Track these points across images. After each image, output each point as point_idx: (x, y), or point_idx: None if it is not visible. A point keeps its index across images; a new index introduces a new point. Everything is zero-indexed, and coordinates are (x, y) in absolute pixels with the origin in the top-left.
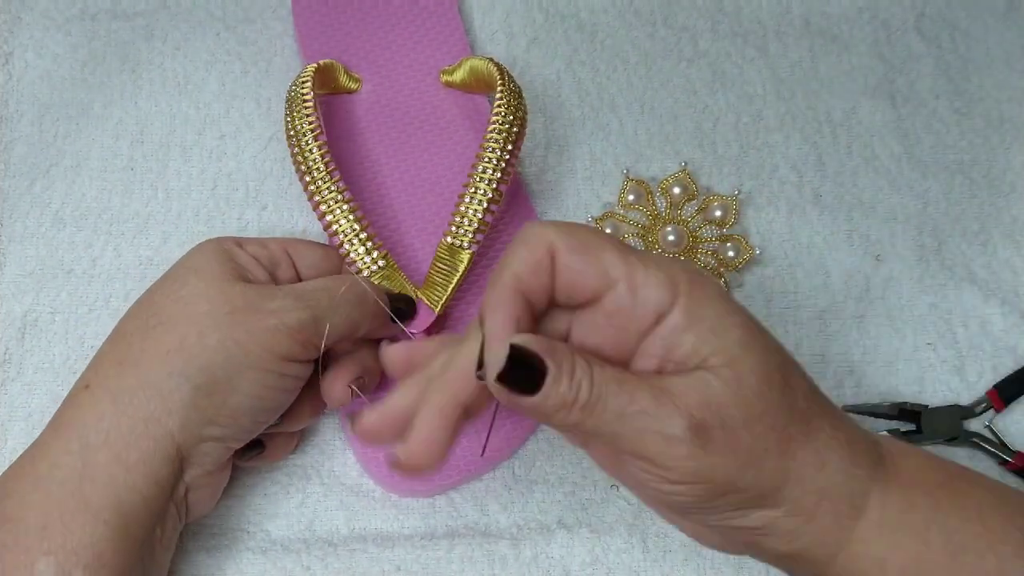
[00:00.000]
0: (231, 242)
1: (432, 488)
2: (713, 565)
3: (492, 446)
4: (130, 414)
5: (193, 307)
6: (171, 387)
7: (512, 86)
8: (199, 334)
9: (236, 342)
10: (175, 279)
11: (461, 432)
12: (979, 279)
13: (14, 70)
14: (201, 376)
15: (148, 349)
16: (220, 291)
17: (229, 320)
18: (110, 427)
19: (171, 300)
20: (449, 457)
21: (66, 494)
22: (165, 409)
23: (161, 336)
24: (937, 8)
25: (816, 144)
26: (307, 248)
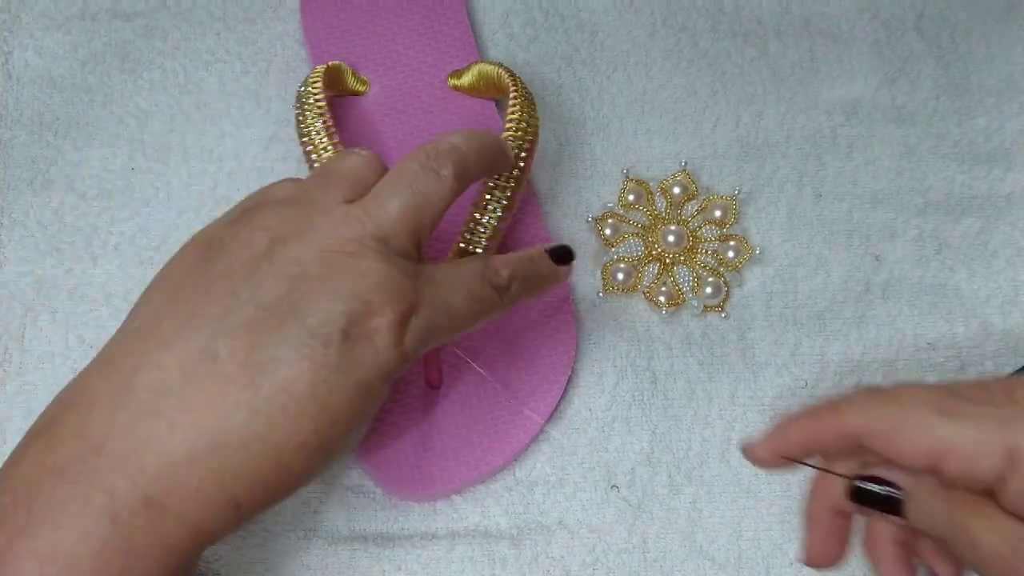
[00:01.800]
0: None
1: (432, 492)
2: (713, 565)
3: (492, 452)
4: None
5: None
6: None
7: (525, 92)
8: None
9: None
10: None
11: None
12: (979, 279)
13: (13, 70)
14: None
15: None
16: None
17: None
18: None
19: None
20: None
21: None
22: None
23: None
24: (937, 8)
25: (816, 144)
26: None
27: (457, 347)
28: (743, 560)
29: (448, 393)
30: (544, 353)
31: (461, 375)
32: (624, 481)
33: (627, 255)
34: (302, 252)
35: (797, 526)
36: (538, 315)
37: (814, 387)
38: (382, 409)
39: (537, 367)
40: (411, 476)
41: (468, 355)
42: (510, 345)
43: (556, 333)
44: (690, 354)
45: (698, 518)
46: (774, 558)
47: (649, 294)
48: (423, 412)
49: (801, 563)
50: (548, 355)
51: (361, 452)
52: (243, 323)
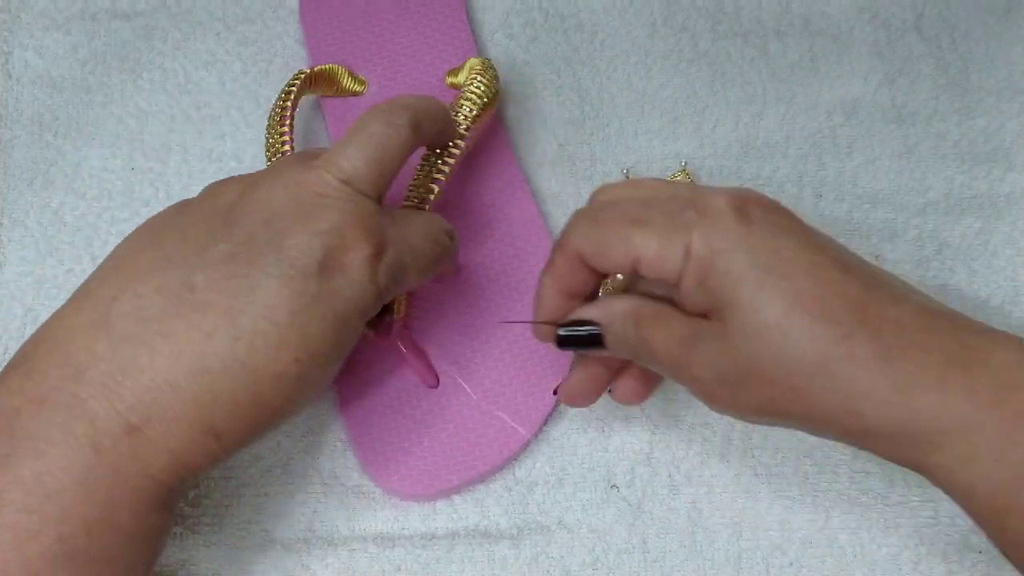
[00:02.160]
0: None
1: (431, 492)
2: (713, 565)
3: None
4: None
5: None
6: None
7: (486, 68)
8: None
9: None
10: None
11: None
12: (979, 279)
13: (13, 70)
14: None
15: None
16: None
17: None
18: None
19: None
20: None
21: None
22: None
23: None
24: (937, 8)
25: (816, 144)
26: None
27: (449, 363)
28: (743, 560)
29: (447, 393)
30: (544, 353)
31: (461, 375)
32: (624, 481)
33: None
34: (273, 194)
35: (796, 526)
36: (531, 356)
37: None
38: (381, 408)
39: (536, 368)
40: (411, 476)
41: (462, 363)
42: (504, 351)
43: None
44: None
45: (698, 518)
46: (774, 558)
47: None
48: (423, 412)
49: (561, 401)
50: (547, 355)
51: (361, 452)
52: (220, 257)
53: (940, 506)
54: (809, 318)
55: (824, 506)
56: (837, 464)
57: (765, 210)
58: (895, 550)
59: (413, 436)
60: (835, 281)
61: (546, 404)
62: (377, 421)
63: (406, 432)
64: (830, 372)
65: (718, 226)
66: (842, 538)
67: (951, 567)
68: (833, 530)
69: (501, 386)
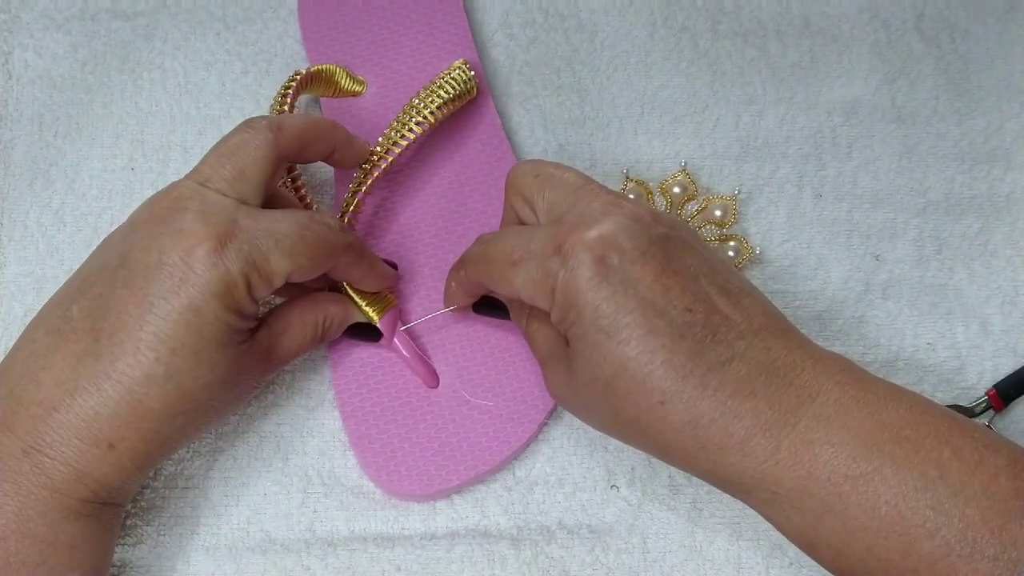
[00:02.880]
0: (242, 292)
1: (431, 492)
2: (714, 565)
3: (492, 451)
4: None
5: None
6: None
7: (467, 74)
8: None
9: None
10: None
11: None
12: (979, 279)
13: (13, 70)
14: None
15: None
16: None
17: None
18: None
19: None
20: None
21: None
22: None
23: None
24: (937, 8)
25: (816, 144)
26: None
27: (448, 364)
28: (743, 560)
29: (447, 393)
30: (523, 397)
31: (459, 375)
32: (624, 481)
33: None
34: (137, 216)
35: None
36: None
37: None
38: (381, 409)
39: (537, 368)
40: (411, 476)
41: (460, 363)
42: (503, 353)
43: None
44: None
45: (698, 518)
46: (774, 558)
47: None
48: (423, 412)
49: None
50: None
51: (360, 452)
52: (89, 283)
53: None
54: (633, 383)
55: None
56: None
57: (625, 260)
58: None
59: (413, 437)
60: (665, 349)
61: (545, 404)
62: (377, 422)
63: (406, 432)
64: (646, 430)
65: (575, 278)
66: None
67: None
68: None
69: (500, 387)
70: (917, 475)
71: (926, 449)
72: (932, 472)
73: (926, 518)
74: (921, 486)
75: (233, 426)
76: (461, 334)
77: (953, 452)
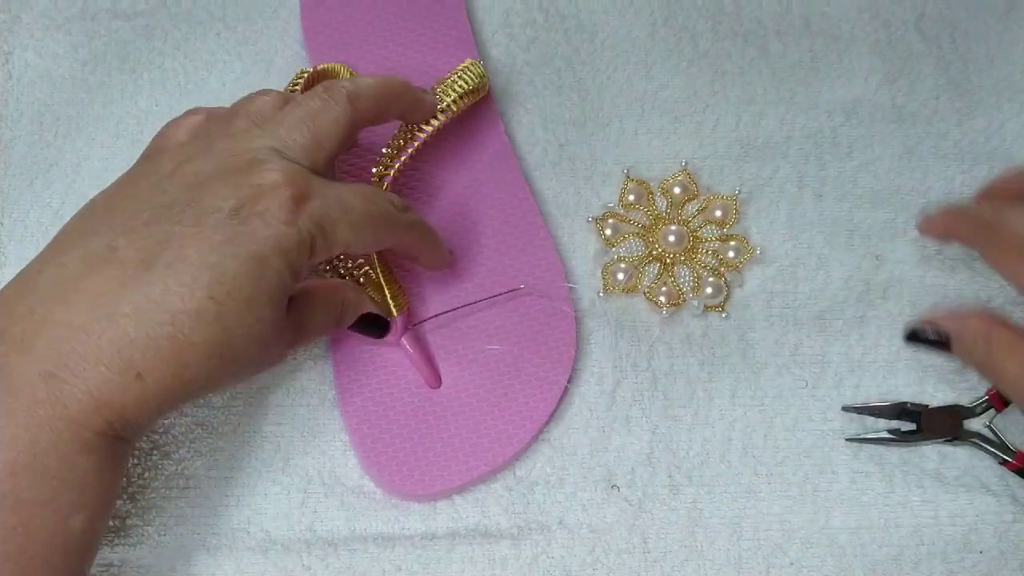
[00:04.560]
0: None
1: (433, 492)
2: (714, 565)
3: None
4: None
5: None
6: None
7: (471, 69)
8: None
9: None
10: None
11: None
12: (979, 279)
13: (14, 70)
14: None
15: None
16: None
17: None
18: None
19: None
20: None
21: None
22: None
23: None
24: (937, 8)
25: (816, 144)
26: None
27: (451, 364)
28: (743, 560)
29: (448, 393)
30: (544, 354)
31: (461, 375)
32: (624, 481)
33: (627, 255)
34: (203, 165)
35: (796, 526)
36: (539, 315)
37: (814, 387)
38: (382, 409)
39: (537, 368)
40: (411, 476)
41: (464, 364)
42: (510, 347)
43: (556, 335)
44: (690, 354)
45: (698, 518)
46: (774, 558)
47: (650, 294)
48: (423, 412)
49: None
50: (548, 356)
51: (362, 453)
52: (143, 221)
53: (940, 506)
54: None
55: (824, 506)
56: (837, 464)
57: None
58: (895, 550)
59: (415, 437)
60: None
61: (547, 404)
62: (377, 422)
63: (408, 433)
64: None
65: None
66: (842, 538)
67: (951, 567)
68: (833, 530)
69: (501, 387)
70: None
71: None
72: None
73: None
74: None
75: (233, 426)
76: (464, 335)
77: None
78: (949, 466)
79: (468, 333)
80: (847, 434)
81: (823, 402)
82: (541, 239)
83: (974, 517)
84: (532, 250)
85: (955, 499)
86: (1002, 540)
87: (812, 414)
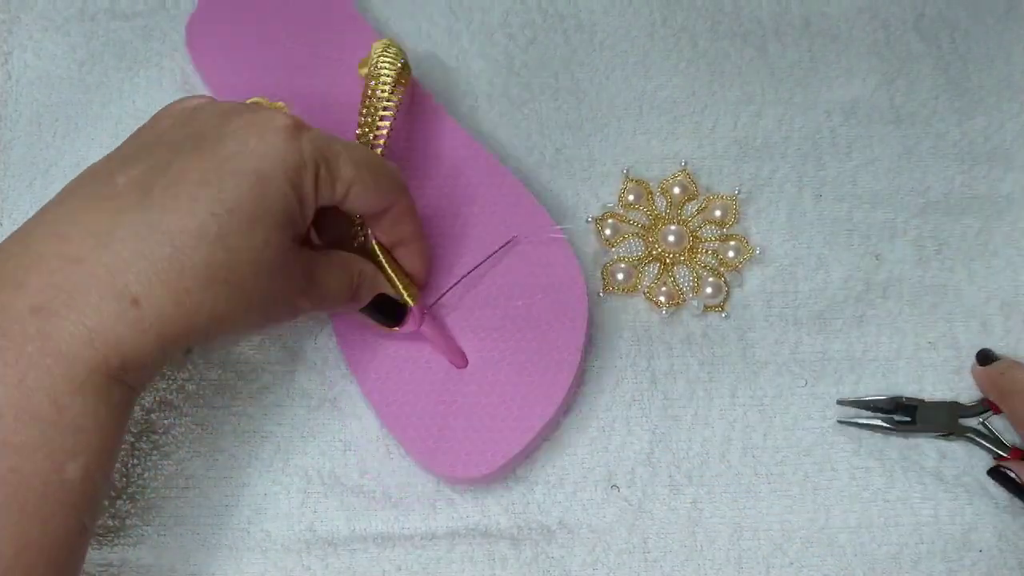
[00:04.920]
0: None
1: (491, 472)
2: (714, 565)
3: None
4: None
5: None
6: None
7: (396, 52)
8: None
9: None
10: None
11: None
12: (979, 279)
13: (13, 70)
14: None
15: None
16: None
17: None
18: None
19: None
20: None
21: None
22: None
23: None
24: (937, 8)
25: (816, 144)
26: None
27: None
28: (743, 560)
29: (477, 371)
30: (558, 300)
31: (483, 347)
32: (624, 481)
33: (627, 255)
34: (202, 117)
35: (796, 526)
36: (541, 262)
37: (814, 386)
38: (415, 398)
39: (554, 318)
40: (459, 457)
41: (483, 343)
42: (525, 300)
43: (563, 279)
44: (690, 354)
45: (698, 518)
46: (774, 558)
47: (649, 294)
48: (453, 392)
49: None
50: (562, 301)
51: (407, 443)
52: (146, 156)
53: (940, 504)
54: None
55: (824, 505)
56: (837, 462)
57: None
58: (895, 548)
59: (455, 416)
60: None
61: (569, 366)
62: (414, 411)
63: (441, 413)
64: None
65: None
66: (842, 537)
67: (951, 566)
68: (833, 530)
69: (524, 358)
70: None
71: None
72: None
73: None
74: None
75: (233, 426)
76: (478, 308)
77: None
78: (949, 464)
79: (480, 305)
80: (843, 429)
81: (823, 401)
82: (516, 191)
83: (973, 516)
84: (510, 203)
85: (955, 498)
86: (1001, 539)
87: (812, 413)
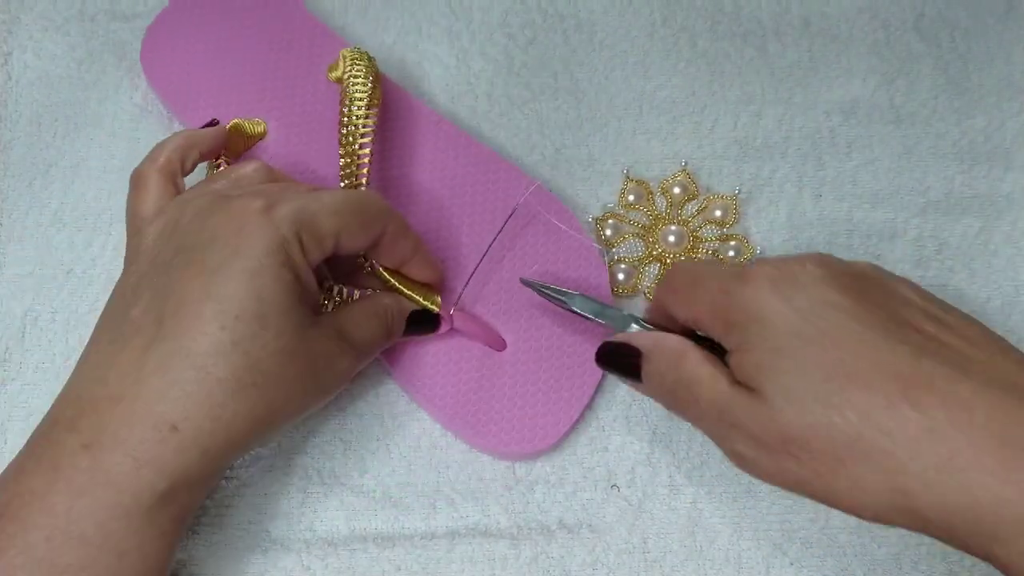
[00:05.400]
0: (295, 248)
1: (547, 445)
2: (714, 565)
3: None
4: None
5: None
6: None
7: (367, 61)
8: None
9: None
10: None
11: None
12: (979, 279)
13: (12, 70)
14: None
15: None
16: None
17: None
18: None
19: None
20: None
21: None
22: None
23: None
24: (937, 8)
25: (816, 144)
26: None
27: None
28: (743, 560)
29: (516, 352)
30: (574, 263)
31: (519, 327)
32: (624, 481)
33: (628, 255)
34: (186, 217)
35: (796, 526)
36: (548, 233)
37: None
38: (461, 384)
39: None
40: (511, 434)
41: (518, 323)
42: (541, 267)
43: (572, 243)
44: None
45: (698, 518)
46: (774, 558)
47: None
48: (500, 375)
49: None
50: (577, 262)
51: (459, 427)
52: (147, 283)
53: None
54: (850, 387)
55: (824, 506)
56: None
57: (815, 280)
58: (896, 549)
59: (500, 398)
60: (882, 350)
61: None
62: (459, 396)
63: (491, 395)
64: (870, 443)
65: (757, 291)
66: (842, 538)
67: (952, 567)
68: (833, 530)
69: (557, 339)
70: None
71: None
72: None
73: None
74: None
75: None
76: (502, 291)
77: None
78: None
79: (506, 287)
80: None
81: None
82: (492, 160)
83: None
84: (500, 178)
85: None
86: None
87: None
